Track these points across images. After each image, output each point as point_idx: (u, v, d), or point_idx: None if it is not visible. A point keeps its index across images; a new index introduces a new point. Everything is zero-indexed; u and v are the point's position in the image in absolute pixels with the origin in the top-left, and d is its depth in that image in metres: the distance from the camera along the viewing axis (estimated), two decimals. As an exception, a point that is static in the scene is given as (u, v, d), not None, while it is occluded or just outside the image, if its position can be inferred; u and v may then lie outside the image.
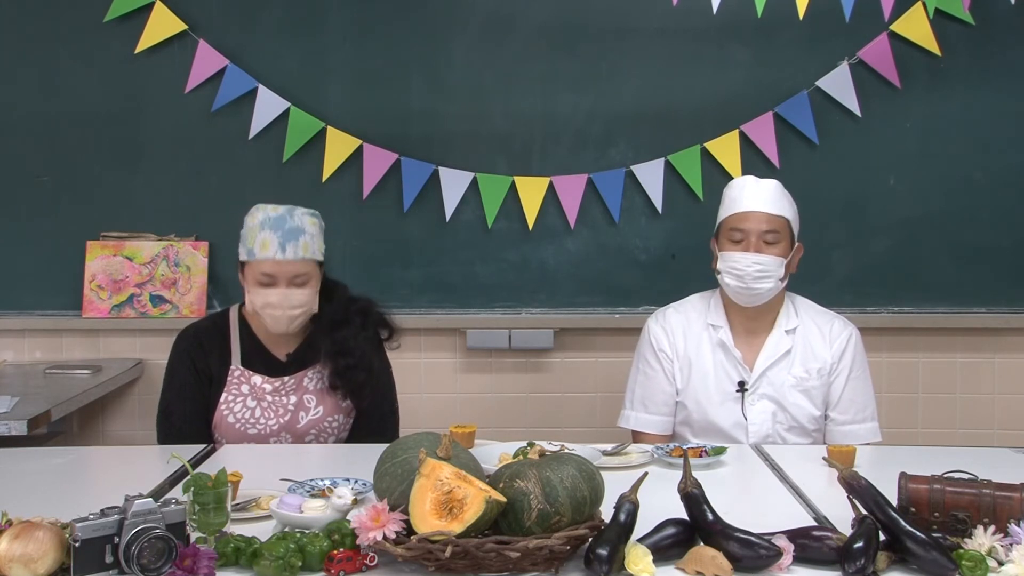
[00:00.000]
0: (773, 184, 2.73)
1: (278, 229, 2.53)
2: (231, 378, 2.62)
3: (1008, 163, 3.61)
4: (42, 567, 1.53)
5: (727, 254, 2.68)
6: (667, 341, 2.78)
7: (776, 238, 2.67)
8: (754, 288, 2.65)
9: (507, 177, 3.60)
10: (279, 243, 2.52)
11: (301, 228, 2.55)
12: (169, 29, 3.55)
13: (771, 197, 2.70)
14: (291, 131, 3.58)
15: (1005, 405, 3.69)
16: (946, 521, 1.72)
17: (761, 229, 2.66)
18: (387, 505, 1.62)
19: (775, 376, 2.70)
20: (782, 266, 2.66)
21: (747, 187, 2.73)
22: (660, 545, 1.65)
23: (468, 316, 3.66)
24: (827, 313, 2.81)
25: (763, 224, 2.66)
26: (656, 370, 2.78)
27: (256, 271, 2.55)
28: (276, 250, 2.52)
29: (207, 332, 2.70)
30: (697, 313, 2.81)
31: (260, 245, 2.53)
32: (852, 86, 3.55)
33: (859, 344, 2.76)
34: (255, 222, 2.57)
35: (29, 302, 3.65)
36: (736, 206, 2.71)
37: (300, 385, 2.64)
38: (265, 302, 2.55)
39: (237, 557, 1.63)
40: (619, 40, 3.60)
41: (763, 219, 2.66)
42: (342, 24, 3.61)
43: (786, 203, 2.72)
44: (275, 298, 2.55)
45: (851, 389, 2.72)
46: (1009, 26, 3.54)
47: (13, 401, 2.89)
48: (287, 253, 2.53)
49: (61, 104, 3.61)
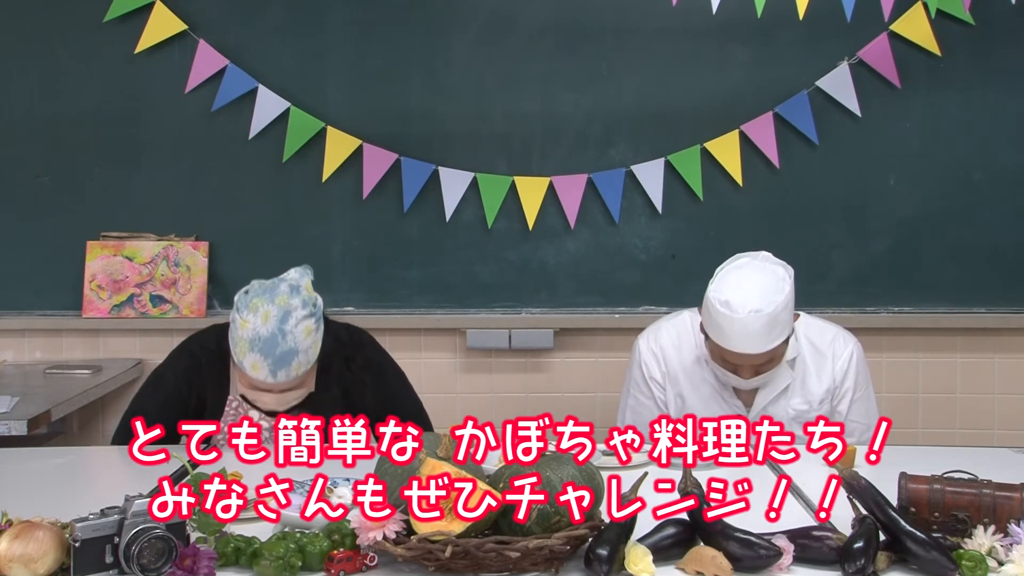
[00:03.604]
0: (763, 320, 2.37)
1: (269, 355, 2.27)
2: (228, 408, 2.50)
3: (1008, 163, 3.61)
4: (42, 567, 1.53)
5: (719, 368, 2.51)
6: (658, 369, 2.67)
7: (773, 355, 2.44)
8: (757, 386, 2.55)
9: (507, 177, 3.60)
10: (270, 370, 2.28)
11: (294, 350, 2.29)
12: (169, 29, 3.55)
13: (763, 333, 2.38)
14: (291, 131, 3.57)
15: (1005, 405, 3.69)
16: (946, 521, 1.72)
17: (756, 364, 2.45)
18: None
19: (775, 411, 2.57)
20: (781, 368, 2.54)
21: (735, 323, 2.37)
22: (660, 545, 1.65)
23: (468, 316, 3.66)
24: (826, 330, 2.68)
25: (757, 360, 2.44)
26: (647, 397, 2.69)
27: (246, 378, 2.35)
28: (267, 375, 2.29)
29: (209, 355, 2.52)
30: (689, 337, 2.65)
31: (250, 366, 2.29)
32: (852, 86, 3.55)
33: (861, 360, 2.66)
34: (244, 334, 2.28)
35: (29, 302, 3.64)
36: (723, 341, 2.42)
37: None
38: (258, 400, 2.40)
39: (237, 557, 1.64)
40: (619, 40, 3.60)
41: (756, 356, 2.43)
42: (342, 24, 3.61)
43: (780, 328, 2.40)
44: (268, 399, 2.38)
45: (856, 411, 2.63)
46: (1009, 26, 3.54)
47: (13, 401, 2.89)
48: (279, 378, 2.30)
49: (61, 104, 3.61)
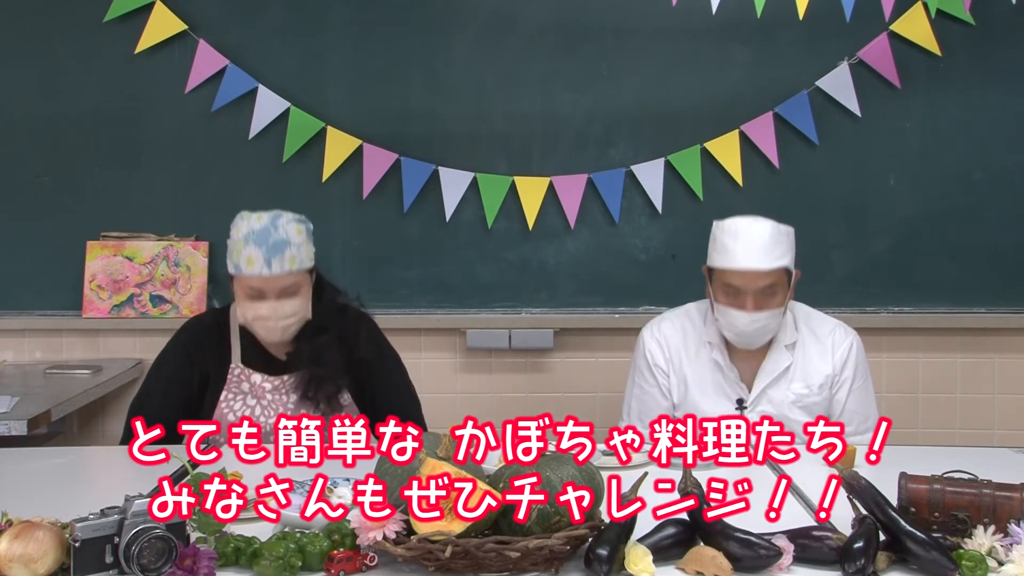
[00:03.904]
0: (767, 230, 2.54)
1: (262, 244, 2.47)
2: (231, 376, 2.62)
3: (1008, 163, 3.61)
4: (42, 567, 1.53)
5: (723, 309, 2.58)
6: (662, 355, 2.73)
7: (774, 290, 2.54)
8: (754, 341, 2.60)
9: (507, 177, 3.60)
10: (264, 259, 2.47)
11: (286, 240, 2.50)
12: (169, 29, 3.55)
13: (766, 247, 2.52)
14: (291, 131, 3.58)
15: (1005, 405, 3.69)
16: (946, 521, 1.72)
17: (758, 287, 2.52)
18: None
19: (775, 394, 2.65)
20: (781, 314, 2.59)
21: (740, 237, 2.54)
22: (660, 545, 1.65)
23: (468, 316, 3.66)
24: (826, 321, 2.74)
25: (760, 281, 2.52)
26: (652, 385, 2.73)
27: (244, 285, 2.52)
28: (262, 266, 2.47)
29: (207, 330, 2.68)
30: (693, 324, 2.73)
31: (246, 261, 2.48)
32: (852, 86, 3.55)
33: (860, 352, 2.70)
34: (239, 235, 2.51)
35: (29, 302, 3.65)
36: (729, 260, 2.54)
37: (300, 383, 2.63)
38: (256, 315, 2.53)
39: (237, 557, 1.64)
40: (619, 40, 3.60)
41: (759, 276, 2.52)
42: (342, 24, 3.61)
43: (782, 247, 2.55)
44: (265, 311, 2.52)
45: (854, 400, 2.67)
46: (1009, 26, 3.54)
47: (13, 401, 2.89)
48: (273, 268, 2.48)
49: (61, 104, 3.61)
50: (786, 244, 2.56)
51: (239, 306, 2.57)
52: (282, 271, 2.49)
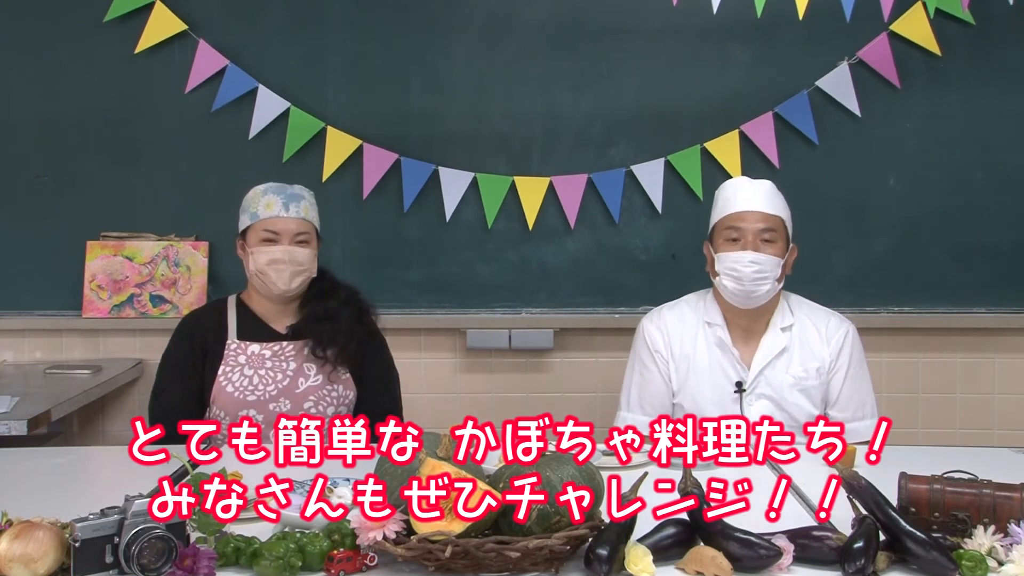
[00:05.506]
0: (768, 184, 2.74)
1: (280, 192, 2.71)
2: (228, 352, 2.69)
3: (1008, 163, 3.61)
4: (42, 567, 1.53)
5: (724, 254, 2.67)
6: (662, 340, 2.78)
7: (773, 236, 2.66)
8: (752, 290, 2.64)
9: (507, 177, 3.60)
10: (282, 203, 2.69)
11: (301, 195, 2.74)
12: (169, 29, 3.55)
13: (767, 196, 2.70)
14: (291, 131, 3.58)
15: (1005, 405, 3.69)
16: (946, 521, 1.72)
17: (758, 228, 2.65)
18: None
19: (773, 376, 2.70)
20: (779, 266, 2.66)
21: (742, 187, 2.74)
22: (660, 545, 1.65)
23: (468, 316, 3.66)
24: (823, 310, 2.81)
25: (760, 223, 2.66)
26: (652, 370, 2.77)
27: (260, 229, 2.68)
28: (280, 209, 2.69)
29: (204, 313, 2.85)
30: (693, 310, 2.80)
31: (264, 205, 2.69)
32: (852, 86, 3.55)
33: (856, 340, 2.76)
34: (257, 191, 2.73)
35: (29, 302, 3.64)
36: (731, 206, 2.70)
37: (300, 352, 2.71)
38: (270, 258, 2.66)
39: (237, 557, 1.63)
40: (619, 40, 3.60)
41: (759, 218, 2.66)
42: (342, 24, 3.61)
43: (781, 203, 2.73)
44: (280, 253, 2.65)
45: (849, 386, 2.72)
46: (1009, 26, 3.54)
47: (13, 401, 2.89)
48: (290, 212, 2.69)
49: (61, 104, 3.61)
50: (783, 202, 2.73)
51: (252, 257, 2.69)
52: (298, 215, 2.70)
